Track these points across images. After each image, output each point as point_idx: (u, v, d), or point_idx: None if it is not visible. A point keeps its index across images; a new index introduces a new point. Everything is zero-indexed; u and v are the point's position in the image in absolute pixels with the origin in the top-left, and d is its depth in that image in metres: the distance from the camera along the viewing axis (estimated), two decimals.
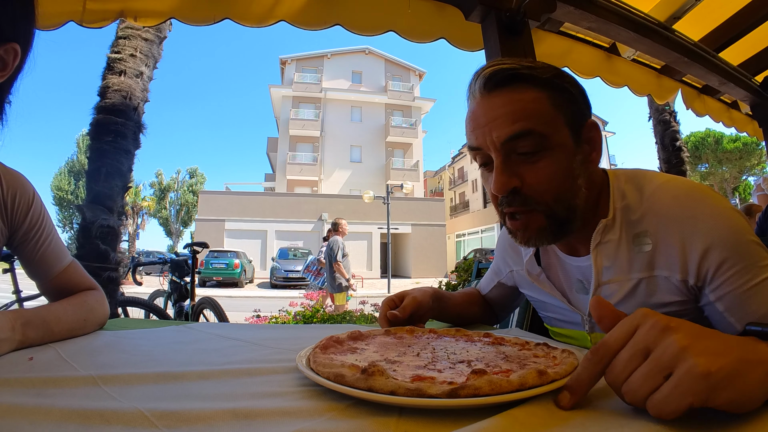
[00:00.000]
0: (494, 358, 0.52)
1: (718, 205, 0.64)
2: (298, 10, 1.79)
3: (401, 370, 0.47)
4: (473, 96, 0.70)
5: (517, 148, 0.66)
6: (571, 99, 0.68)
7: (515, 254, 0.92)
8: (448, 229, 26.39)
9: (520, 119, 0.64)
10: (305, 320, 4.50)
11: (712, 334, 0.36)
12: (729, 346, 0.35)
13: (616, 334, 0.38)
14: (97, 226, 3.21)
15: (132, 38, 3.60)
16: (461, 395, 0.37)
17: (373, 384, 0.39)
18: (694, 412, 0.33)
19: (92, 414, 0.36)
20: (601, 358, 0.38)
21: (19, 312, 0.63)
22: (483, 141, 0.67)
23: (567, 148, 0.67)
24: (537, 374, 0.40)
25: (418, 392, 0.37)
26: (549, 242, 0.71)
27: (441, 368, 0.47)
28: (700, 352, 0.33)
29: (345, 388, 0.40)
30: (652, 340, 0.35)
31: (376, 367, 0.41)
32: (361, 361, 0.49)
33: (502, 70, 0.67)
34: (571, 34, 2.35)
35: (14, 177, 0.77)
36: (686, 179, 0.69)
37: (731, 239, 0.60)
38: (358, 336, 0.64)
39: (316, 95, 26.52)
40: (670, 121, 5.02)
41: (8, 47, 0.58)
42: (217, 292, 12.74)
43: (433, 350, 0.57)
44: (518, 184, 0.66)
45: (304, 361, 0.49)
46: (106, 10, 1.61)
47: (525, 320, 1.36)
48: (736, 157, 22.47)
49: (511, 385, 0.38)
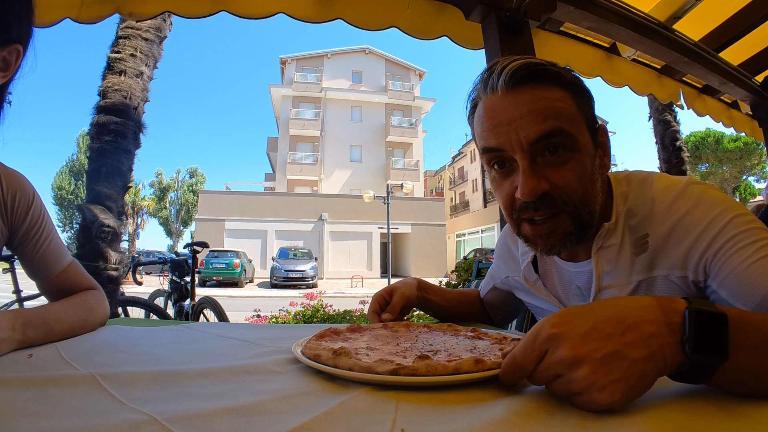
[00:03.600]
0: (460, 350, 0.57)
1: (713, 196, 0.63)
2: (298, 2, 1.76)
3: (374, 355, 0.54)
4: (490, 91, 0.65)
5: (544, 150, 0.62)
6: (588, 101, 0.67)
7: (512, 261, 0.91)
8: (448, 228, 26.40)
9: (550, 117, 0.60)
10: (305, 320, 4.50)
11: (613, 355, 0.38)
12: (627, 362, 0.37)
13: (528, 358, 0.41)
14: (97, 225, 3.21)
15: (132, 38, 3.60)
16: (401, 374, 0.44)
17: (338, 362, 0.47)
18: (694, 409, 0.33)
19: (92, 413, 0.36)
20: (513, 376, 0.43)
21: (20, 312, 0.63)
22: (506, 141, 0.62)
23: (590, 151, 0.65)
24: (473, 362, 0.45)
25: (368, 369, 0.45)
26: (571, 248, 0.68)
27: (407, 355, 0.54)
28: (602, 387, 0.36)
29: (315, 364, 0.49)
30: (561, 371, 0.39)
31: (344, 349, 0.50)
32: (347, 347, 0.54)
33: (529, 64, 0.63)
34: (571, 33, 2.35)
35: (14, 177, 0.77)
36: (686, 178, 0.68)
37: (726, 224, 0.59)
38: (357, 329, 0.71)
39: (316, 95, 26.53)
40: (670, 120, 5.02)
41: (11, 48, 0.59)
42: (217, 291, 12.74)
43: (415, 341, 0.63)
44: (547, 187, 0.62)
45: (299, 349, 0.56)
46: (102, 5, 1.59)
47: (525, 323, 1.36)
48: (736, 157, 22.44)
49: (446, 369, 0.44)
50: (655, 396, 0.39)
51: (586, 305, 0.43)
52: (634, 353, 0.37)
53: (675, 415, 0.34)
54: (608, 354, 0.37)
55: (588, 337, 0.38)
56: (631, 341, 0.38)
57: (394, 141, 26.91)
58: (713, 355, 0.38)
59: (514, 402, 0.39)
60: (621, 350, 0.38)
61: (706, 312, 0.39)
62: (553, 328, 0.40)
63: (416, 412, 0.38)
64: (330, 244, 22.01)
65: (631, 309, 0.40)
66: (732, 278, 0.58)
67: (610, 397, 0.36)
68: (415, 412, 0.38)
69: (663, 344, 0.38)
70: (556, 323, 0.40)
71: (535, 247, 0.69)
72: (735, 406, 0.37)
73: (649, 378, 0.38)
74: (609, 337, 0.38)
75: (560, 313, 0.42)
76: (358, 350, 0.56)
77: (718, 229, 0.60)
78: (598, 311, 0.41)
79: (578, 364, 0.37)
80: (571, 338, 0.39)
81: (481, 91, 0.66)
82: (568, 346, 0.38)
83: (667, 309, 0.40)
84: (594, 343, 0.38)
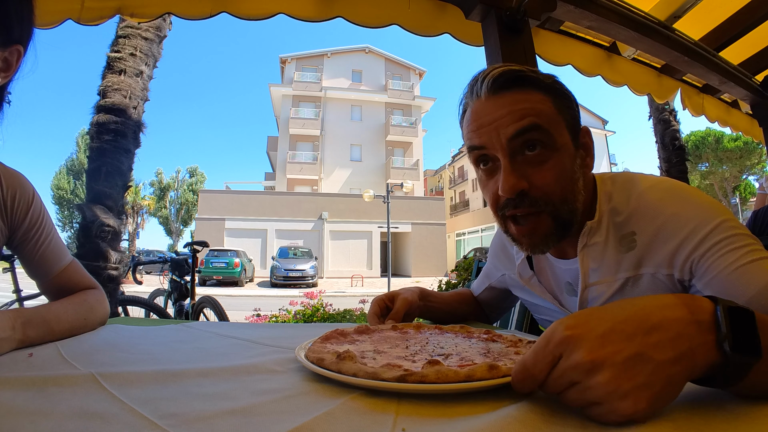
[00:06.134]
0: (474, 353, 0.55)
1: (700, 198, 0.65)
2: (298, 2, 1.76)
3: (381, 358, 0.51)
4: (475, 97, 0.70)
5: (523, 148, 0.66)
6: (569, 105, 0.70)
7: (507, 258, 0.94)
8: (448, 228, 26.40)
9: (528, 115, 0.65)
10: (305, 319, 4.50)
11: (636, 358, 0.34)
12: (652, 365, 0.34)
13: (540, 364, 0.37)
14: (97, 225, 3.21)
15: (132, 37, 3.59)
16: (409, 381, 0.41)
17: (342, 367, 0.45)
18: (694, 409, 0.33)
19: (92, 413, 0.36)
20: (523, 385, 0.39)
21: (20, 311, 0.63)
22: (488, 139, 0.67)
23: (569, 151, 0.68)
24: (487, 368, 0.42)
25: (373, 375, 0.42)
26: (553, 245, 0.71)
27: (417, 359, 0.51)
28: (625, 394, 0.33)
29: (318, 368, 0.47)
30: (577, 377, 0.35)
31: (348, 353, 0.47)
32: (352, 350, 0.52)
33: (509, 71, 0.67)
34: (571, 33, 2.34)
35: (14, 176, 0.77)
36: (671, 180, 0.71)
37: (714, 227, 0.61)
38: (364, 330, 0.68)
39: (316, 94, 26.50)
40: (670, 120, 5.01)
41: (13, 49, 0.59)
42: (217, 291, 12.75)
43: (425, 344, 0.60)
44: (526, 186, 0.65)
45: (302, 352, 0.54)
46: (103, 6, 1.60)
47: (524, 322, 1.36)
48: (736, 156, 22.43)
49: (457, 376, 0.41)
50: None
51: (603, 306, 0.40)
52: (659, 355, 0.34)
53: (675, 415, 0.34)
54: (630, 356, 0.34)
55: (607, 339, 0.35)
56: (655, 342, 0.35)
57: (394, 140, 26.89)
58: (750, 353, 0.35)
59: (519, 399, 0.39)
60: (645, 352, 0.34)
61: (740, 309, 0.36)
62: (568, 330, 0.36)
63: (418, 412, 0.38)
64: (330, 244, 22.01)
65: (653, 307, 0.37)
66: (717, 281, 0.60)
67: (634, 405, 0.32)
68: (416, 411, 0.38)
69: (692, 345, 0.35)
70: (570, 325, 0.37)
71: (521, 246, 0.73)
72: (735, 406, 0.37)
73: (677, 383, 0.35)
74: (631, 338, 0.35)
75: (575, 314, 0.39)
76: (364, 353, 0.54)
77: (707, 231, 0.61)
78: (617, 311, 0.38)
79: (597, 369, 0.34)
80: (589, 340, 0.35)
81: (469, 96, 0.72)
82: (585, 350, 0.35)
83: (693, 307, 0.37)
84: (614, 346, 0.34)
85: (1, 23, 0.57)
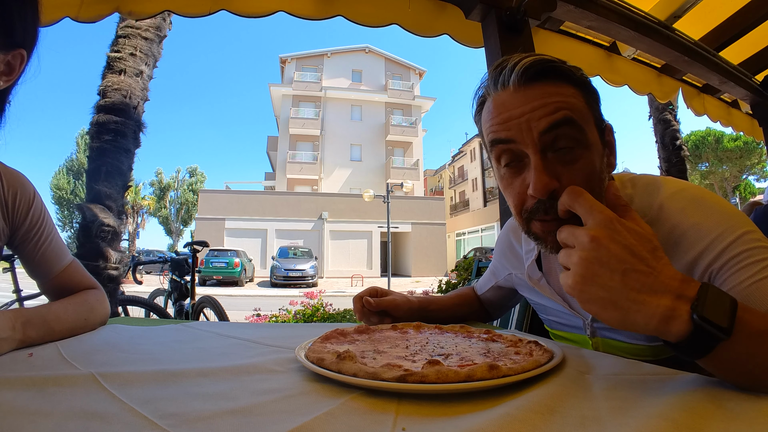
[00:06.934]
0: (474, 353, 0.55)
1: (723, 208, 0.63)
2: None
3: (381, 358, 0.52)
4: (501, 87, 0.65)
5: (555, 143, 0.61)
6: (597, 100, 0.67)
7: (515, 258, 0.92)
8: (448, 227, 26.40)
9: (562, 108, 0.60)
10: (305, 319, 4.50)
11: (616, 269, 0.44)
12: (618, 283, 0.44)
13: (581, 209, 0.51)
14: (97, 225, 3.21)
15: (132, 37, 3.59)
16: (409, 381, 0.41)
17: (342, 367, 0.46)
18: (694, 408, 0.33)
19: (92, 413, 0.36)
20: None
21: (20, 311, 0.63)
22: (517, 133, 0.62)
23: (599, 150, 0.65)
24: (487, 368, 0.43)
25: (373, 375, 0.43)
26: None
27: (417, 359, 0.52)
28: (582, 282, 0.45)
29: (318, 368, 0.47)
30: (572, 242, 0.48)
31: (348, 353, 0.48)
32: (352, 350, 0.52)
33: (541, 61, 0.63)
34: (571, 32, 2.34)
35: (14, 176, 0.77)
36: (695, 186, 0.68)
37: (735, 239, 0.59)
38: (365, 330, 0.69)
39: (316, 94, 26.49)
40: (670, 120, 5.01)
41: (16, 53, 0.58)
42: (217, 290, 12.76)
43: (425, 344, 0.61)
44: (558, 185, 0.60)
45: (302, 352, 0.54)
46: (101, 4, 1.59)
47: (524, 321, 1.36)
48: (736, 156, 22.43)
49: (457, 376, 0.42)
50: (655, 396, 0.39)
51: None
52: (632, 282, 0.43)
53: (675, 415, 0.34)
54: (614, 268, 0.44)
55: (616, 253, 0.44)
56: (640, 271, 0.44)
57: (394, 140, 26.88)
58: (718, 328, 0.40)
59: (517, 398, 0.39)
60: (626, 271, 0.43)
61: (721, 291, 0.43)
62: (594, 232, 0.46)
63: (418, 412, 0.38)
64: (330, 243, 22.01)
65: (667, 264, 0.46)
66: (735, 293, 0.58)
67: (577, 292, 0.45)
68: (416, 411, 0.38)
69: (670, 303, 0.42)
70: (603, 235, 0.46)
71: (545, 245, 0.68)
72: (735, 406, 0.37)
73: (632, 309, 0.43)
74: (633, 256, 0.44)
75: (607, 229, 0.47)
76: (364, 353, 0.55)
77: (727, 243, 0.59)
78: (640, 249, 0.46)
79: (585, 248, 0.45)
80: (605, 239, 0.45)
81: (491, 87, 0.66)
82: (593, 238, 0.45)
83: (686, 279, 0.44)
84: (613, 257, 0.44)
85: (2, 25, 0.56)
